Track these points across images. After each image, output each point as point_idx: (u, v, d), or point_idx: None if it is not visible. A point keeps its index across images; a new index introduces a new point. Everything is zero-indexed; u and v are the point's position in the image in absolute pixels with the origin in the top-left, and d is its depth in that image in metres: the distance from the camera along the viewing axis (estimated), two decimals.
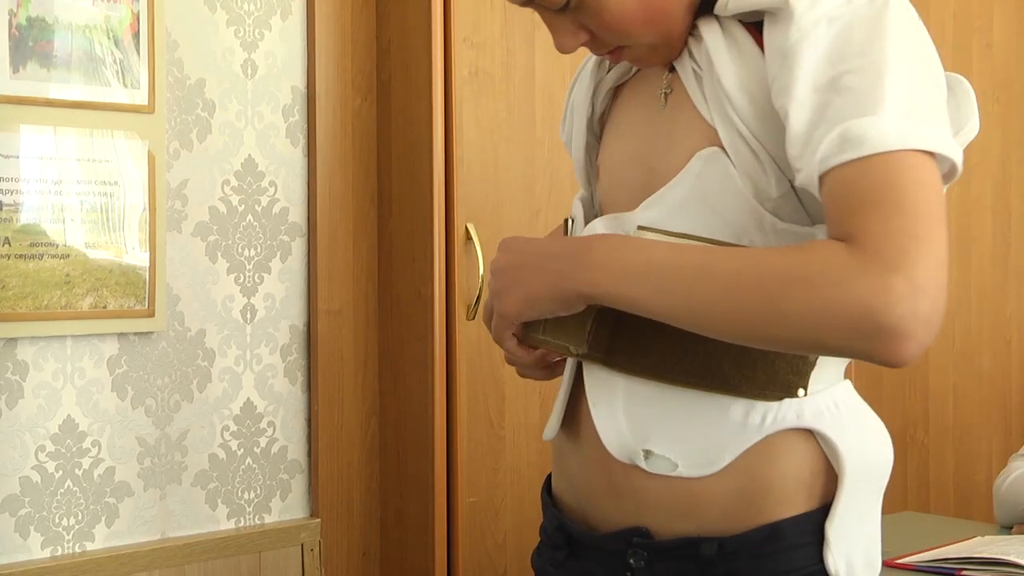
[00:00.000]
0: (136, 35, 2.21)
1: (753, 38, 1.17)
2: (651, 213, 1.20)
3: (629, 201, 1.24)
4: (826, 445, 1.19)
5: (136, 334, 2.25)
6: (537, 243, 1.22)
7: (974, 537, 2.24)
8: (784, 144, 1.11)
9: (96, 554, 2.20)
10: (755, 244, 1.15)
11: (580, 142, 1.38)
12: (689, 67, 1.22)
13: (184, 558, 2.28)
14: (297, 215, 2.47)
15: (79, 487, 2.19)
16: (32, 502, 2.14)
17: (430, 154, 2.40)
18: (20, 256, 2.09)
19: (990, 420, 3.53)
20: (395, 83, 2.50)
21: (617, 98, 1.36)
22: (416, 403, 2.45)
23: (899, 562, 2.08)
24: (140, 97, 2.22)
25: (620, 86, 1.36)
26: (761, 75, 1.14)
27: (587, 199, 1.37)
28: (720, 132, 1.17)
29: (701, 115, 1.19)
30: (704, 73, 1.20)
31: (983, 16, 3.50)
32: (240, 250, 2.39)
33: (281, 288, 2.45)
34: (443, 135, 2.40)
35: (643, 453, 1.20)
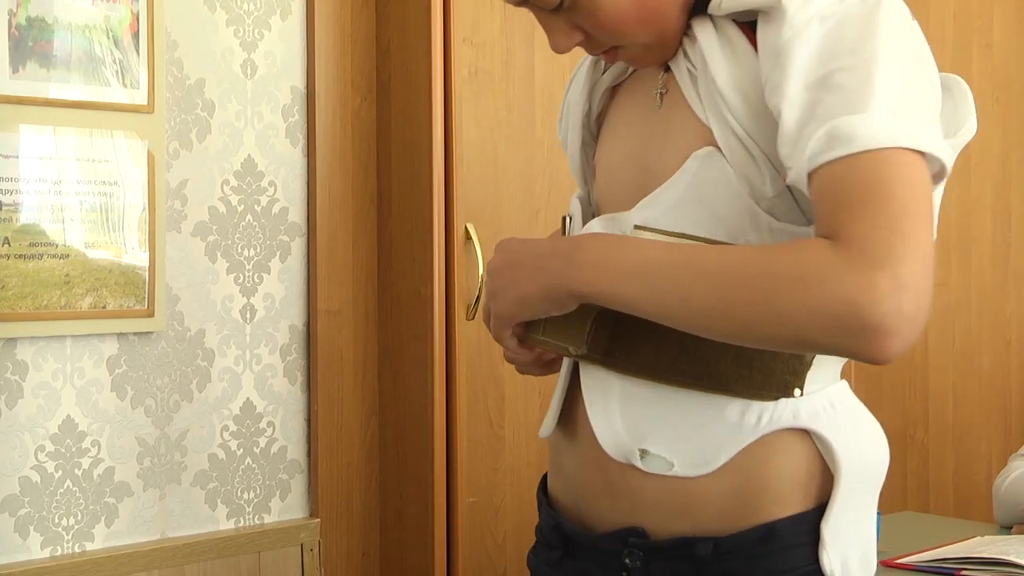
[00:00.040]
0: (136, 35, 2.21)
1: (747, 37, 1.17)
2: (648, 213, 1.20)
3: (625, 201, 1.24)
4: (822, 445, 1.19)
5: (136, 334, 2.25)
6: (531, 243, 1.22)
7: (974, 537, 2.25)
8: (778, 143, 1.11)
9: (95, 554, 2.20)
10: (751, 243, 1.15)
11: (576, 141, 1.38)
12: (684, 67, 1.22)
13: (184, 558, 2.28)
14: (297, 215, 2.46)
15: (78, 487, 2.19)
16: (32, 502, 2.14)
17: (430, 154, 2.39)
18: (20, 256, 2.09)
19: (990, 420, 3.53)
20: (395, 83, 2.50)
21: (613, 98, 1.36)
22: (416, 403, 2.44)
23: (899, 562, 2.08)
24: (140, 97, 2.22)
25: (616, 86, 1.36)
26: (755, 74, 1.14)
27: (584, 198, 1.37)
28: (715, 132, 1.17)
29: (696, 115, 1.19)
30: (699, 73, 1.20)
31: (983, 16, 3.50)
32: (240, 250, 2.39)
33: (281, 288, 2.45)
34: (443, 135, 2.40)
35: (639, 452, 1.20)
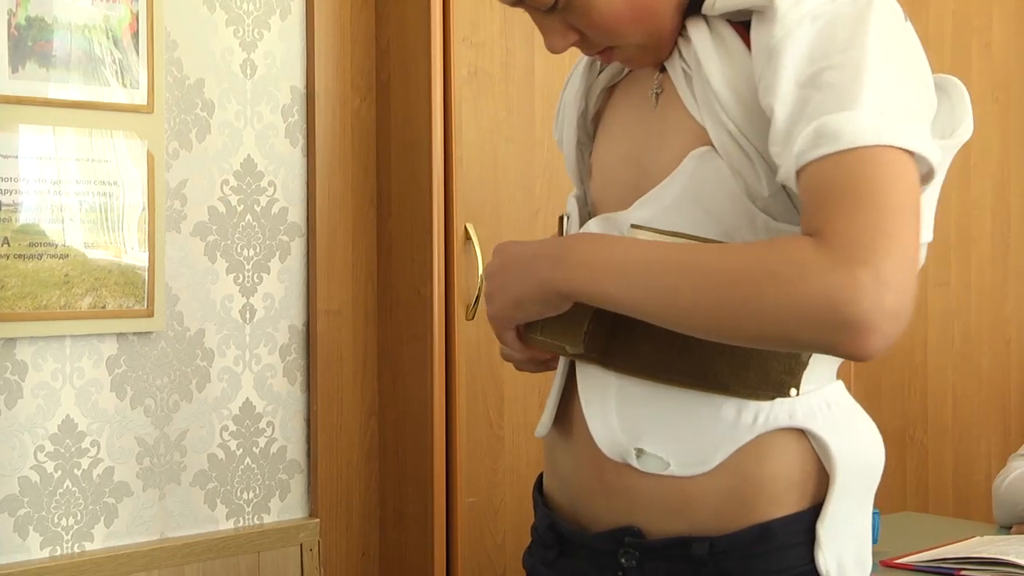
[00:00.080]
0: (135, 35, 2.21)
1: (741, 37, 1.17)
2: (644, 212, 1.21)
3: (621, 201, 1.25)
4: (818, 445, 1.19)
5: (135, 334, 2.25)
6: (525, 246, 1.23)
7: (973, 537, 2.25)
8: (769, 141, 1.11)
9: (95, 554, 2.20)
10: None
11: (572, 141, 1.38)
12: (679, 67, 1.23)
13: (183, 558, 2.28)
14: (296, 215, 2.46)
15: (78, 487, 2.19)
16: (31, 502, 2.14)
17: (429, 154, 2.39)
18: (19, 256, 2.09)
19: (989, 420, 3.53)
20: (394, 83, 2.50)
21: (609, 98, 1.37)
22: (415, 403, 2.44)
23: (898, 562, 2.08)
24: (139, 97, 2.22)
25: (613, 86, 1.37)
26: (748, 74, 1.15)
27: (581, 197, 1.38)
28: (710, 132, 1.17)
29: (691, 115, 1.20)
30: (693, 73, 1.20)
31: (982, 16, 3.50)
32: (239, 250, 2.39)
33: (280, 288, 2.45)
34: (442, 135, 2.40)
35: (635, 452, 1.20)
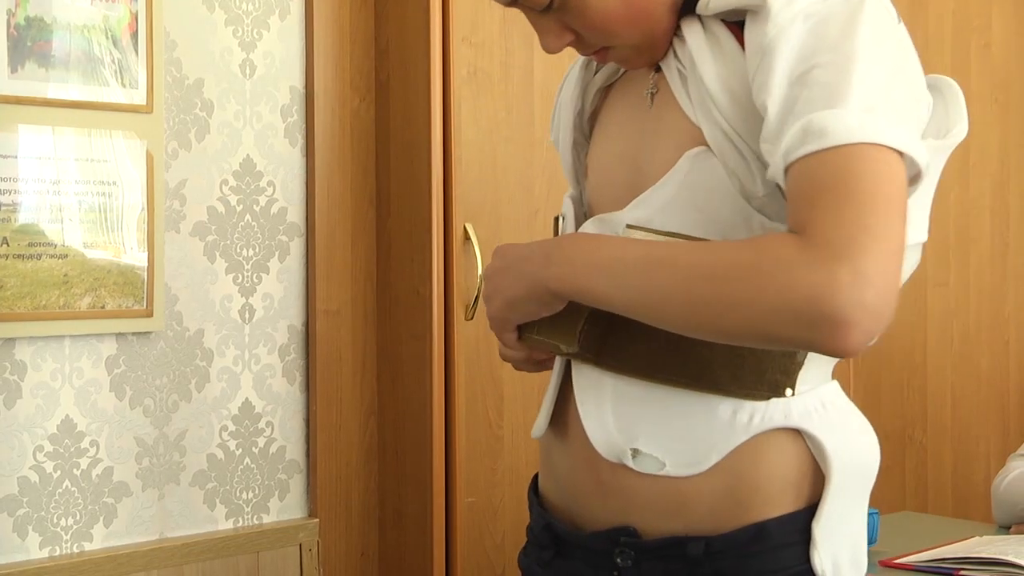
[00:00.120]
0: (134, 35, 2.21)
1: (735, 37, 1.17)
2: (639, 212, 1.21)
3: (617, 200, 1.25)
4: (813, 445, 1.19)
5: (134, 334, 2.25)
6: (520, 247, 1.23)
7: (972, 537, 2.25)
8: (760, 139, 1.12)
9: (94, 554, 2.20)
10: None
11: (568, 141, 1.38)
12: (674, 67, 1.23)
13: (182, 558, 2.28)
14: (295, 215, 2.46)
15: (77, 487, 2.19)
16: (30, 502, 2.14)
17: (428, 154, 2.39)
18: (18, 256, 2.09)
19: (988, 420, 3.53)
20: (394, 83, 2.50)
21: (606, 98, 1.37)
22: (414, 403, 2.44)
23: (897, 562, 2.09)
24: (138, 97, 2.22)
25: (609, 86, 1.37)
26: (742, 73, 1.15)
27: (577, 197, 1.38)
28: (705, 131, 1.17)
29: (686, 115, 1.20)
30: (688, 73, 1.20)
31: (981, 16, 3.50)
32: (238, 250, 2.39)
33: (279, 288, 2.45)
34: (442, 135, 2.40)
35: (631, 452, 1.20)
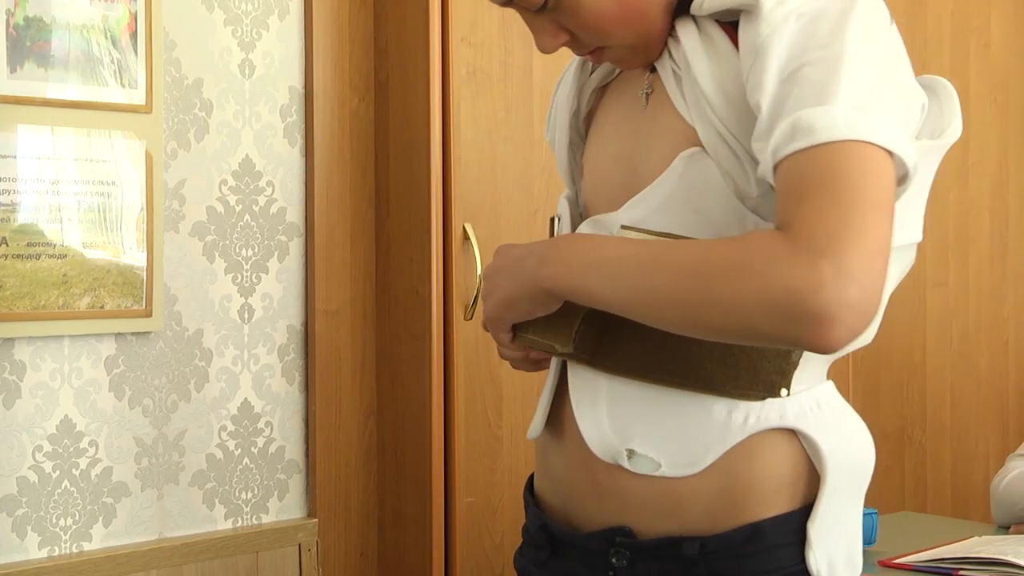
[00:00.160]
0: (133, 35, 2.21)
1: (729, 37, 1.18)
2: (634, 213, 1.21)
3: (613, 201, 1.25)
4: (808, 445, 1.19)
5: (133, 334, 2.25)
6: (518, 248, 1.24)
7: (971, 537, 2.25)
8: (752, 138, 1.12)
9: (93, 554, 2.20)
10: None
11: (563, 141, 1.39)
12: (669, 67, 1.23)
13: (181, 558, 2.28)
14: (295, 215, 2.46)
15: (76, 487, 2.19)
16: (29, 502, 2.14)
17: (428, 154, 2.39)
18: (17, 256, 2.09)
19: (987, 420, 3.53)
20: (393, 83, 2.50)
21: (601, 98, 1.37)
22: (414, 403, 2.44)
23: (896, 562, 2.09)
24: (137, 97, 2.22)
25: (604, 86, 1.37)
26: (736, 73, 1.15)
27: (572, 198, 1.38)
28: (699, 131, 1.17)
29: (681, 115, 1.20)
30: (683, 73, 1.20)
31: (981, 16, 3.50)
32: (238, 250, 2.39)
33: (279, 288, 2.45)
34: (441, 135, 2.40)
35: (626, 453, 1.20)
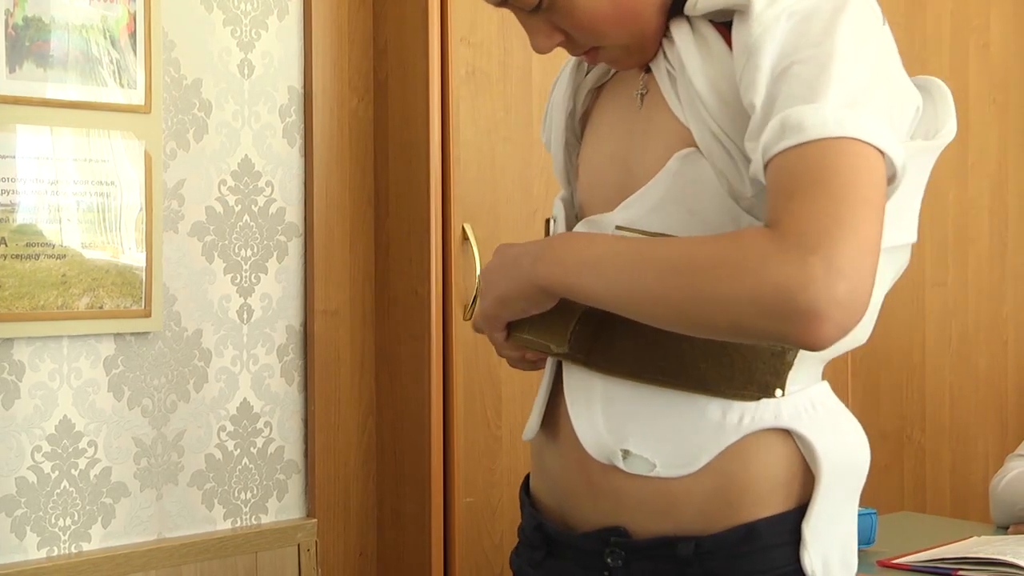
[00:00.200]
0: (132, 35, 2.21)
1: (723, 37, 1.18)
2: (629, 213, 1.21)
3: (608, 201, 1.26)
4: (803, 445, 1.19)
5: (132, 334, 2.25)
6: (515, 247, 1.24)
7: (970, 537, 2.25)
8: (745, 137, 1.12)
9: (92, 554, 2.20)
10: None
11: (559, 142, 1.39)
12: (663, 68, 1.23)
13: (180, 558, 2.28)
14: (294, 215, 2.46)
15: (75, 487, 2.19)
16: (28, 502, 2.14)
17: (427, 154, 2.39)
18: (16, 256, 2.09)
19: (987, 420, 3.53)
20: (392, 83, 2.50)
21: (597, 99, 1.38)
22: (413, 403, 2.44)
23: (895, 562, 2.09)
24: (136, 97, 2.22)
25: (600, 87, 1.37)
26: (730, 74, 1.15)
27: (568, 199, 1.38)
28: (693, 132, 1.17)
29: (675, 116, 1.20)
30: (677, 74, 1.20)
31: (980, 16, 3.50)
32: (237, 250, 2.39)
33: (278, 288, 2.45)
34: (440, 135, 2.40)
35: (621, 453, 1.20)
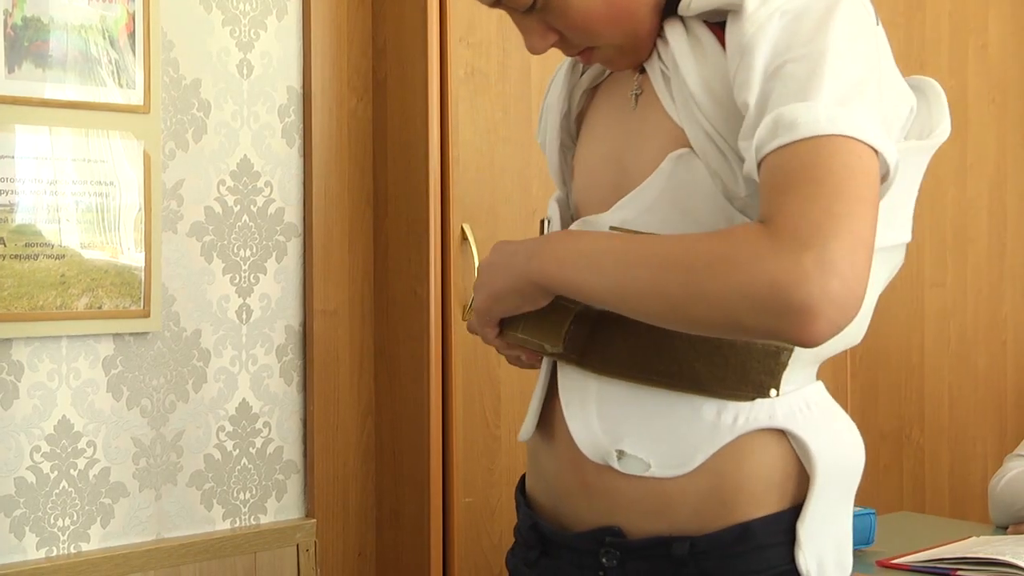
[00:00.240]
0: (131, 35, 2.21)
1: (716, 38, 1.18)
2: (623, 214, 1.22)
3: (602, 202, 1.26)
4: (798, 445, 1.19)
5: (131, 334, 2.25)
6: (512, 243, 1.25)
7: (969, 537, 2.25)
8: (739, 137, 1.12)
9: (91, 555, 2.19)
10: None
11: (554, 142, 1.39)
12: (658, 68, 1.23)
13: (179, 559, 2.28)
14: (293, 215, 2.46)
15: (74, 488, 2.19)
16: (27, 503, 2.14)
17: (426, 154, 2.39)
18: (15, 256, 2.09)
19: (986, 420, 3.53)
20: (391, 83, 2.50)
21: (592, 99, 1.38)
22: (412, 403, 2.44)
23: (894, 562, 2.09)
24: (135, 97, 2.22)
25: (595, 87, 1.38)
26: (723, 73, 1.15)
27: (563, 199, 1.39)
28: (687, 132, 1.17)
29: (669, 116, 1.20)
30: (671, 74, 1.21)
31: (978, 16, 3.50)
32: (236, 250, 2.39)
33: (277, 288, 2.45)
34: (439, 135, 2.40)
35: (616, 453, 1.20)
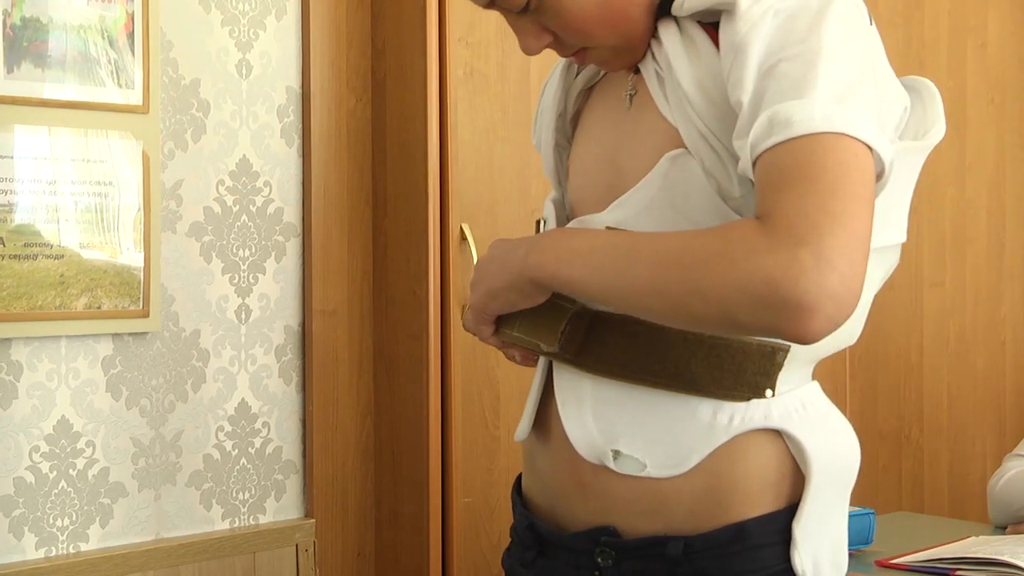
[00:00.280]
0: (130, 35, 2.21)
1: (710, 38, 1.18)
2: (619, 214, 1.22)
3: (598, 202, 1.26)
4: (793, 446, 1.19)
5: (130, 334, 2.25)
6: (508, 241, 1.25)
7: (968, 537, 2.25)
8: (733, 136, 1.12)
9: (90, 555, 2.19)
10: None
11: (550, 143, 1.39)
12: (652, 68, 1.23)
13: (179, 559, 2.28)
14: (292, 215, 2.46)
15: (73, 488, 2.19)
16: (26, 503, 2.14)
17: (425, 154, 2.39)
18: (14, 256, 2.09)
19: (985, 420, 3.53)
20: (390, 83, 2.50)
21: (587, 100, 1.38)
22: (411, 403, 2.44)
23: (893, 562, 2.09)
24: (135, 97, 2.22)
25: (590, 88, 1.38)
26: (717, 73, 1.15)
27: (559, 200, 1.39)
28: (682, 132, 1.18)
29: (664, 116, 1.21)
30: (665, 74, 1.21)
31: (978, 16, 3.50)
32: (235, 250, 2.39)
33: (276, 288, 2.45)
34: (438, 135, 2.40)
35: (611, 453, 1.20)
